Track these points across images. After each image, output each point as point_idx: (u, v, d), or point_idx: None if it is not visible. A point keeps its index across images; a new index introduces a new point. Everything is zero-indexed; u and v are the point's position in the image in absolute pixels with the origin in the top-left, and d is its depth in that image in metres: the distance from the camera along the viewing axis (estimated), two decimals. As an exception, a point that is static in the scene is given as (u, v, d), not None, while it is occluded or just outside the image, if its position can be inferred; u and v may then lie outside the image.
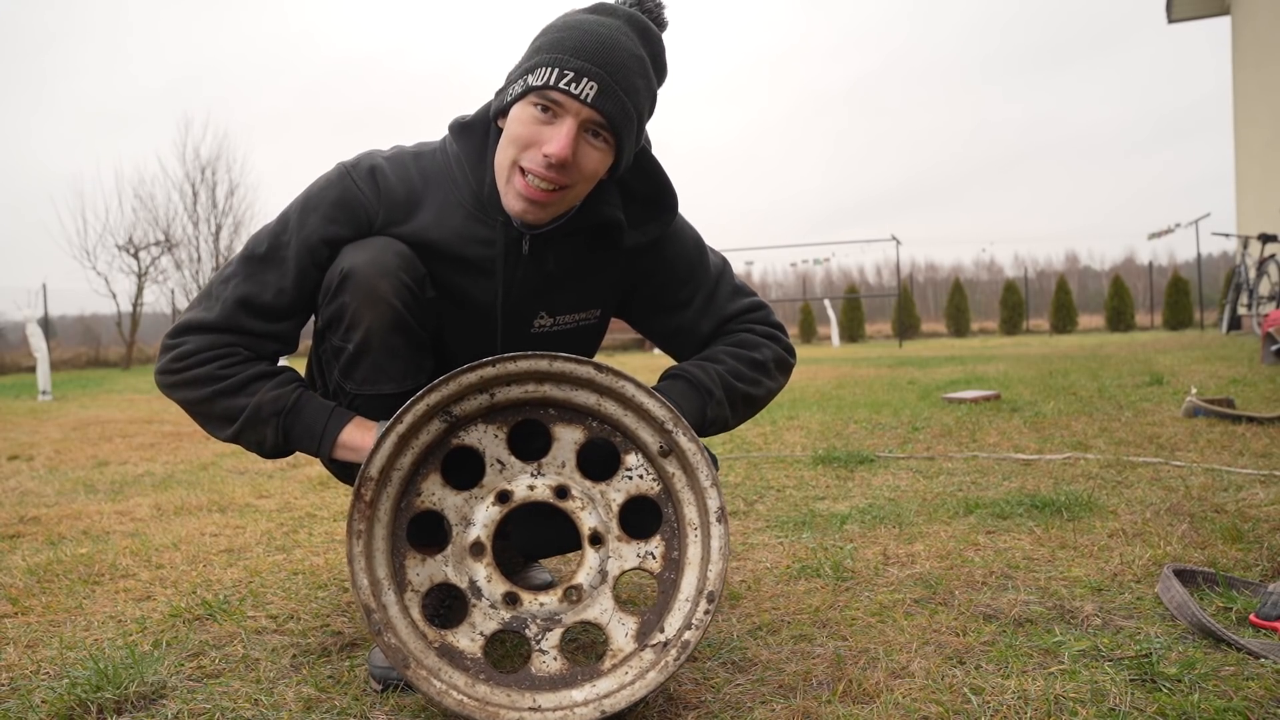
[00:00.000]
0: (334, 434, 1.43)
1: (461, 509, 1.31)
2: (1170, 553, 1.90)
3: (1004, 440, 3.66)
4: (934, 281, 50.17)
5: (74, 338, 24.71)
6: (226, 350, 1.44)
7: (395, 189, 1.44)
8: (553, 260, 1.49)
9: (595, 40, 1.32)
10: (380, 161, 1.46)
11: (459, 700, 1.20)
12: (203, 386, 1.44)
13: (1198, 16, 16.10)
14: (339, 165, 1.48)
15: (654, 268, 1.58)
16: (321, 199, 1.44)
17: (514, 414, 1.33)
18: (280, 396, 1.44)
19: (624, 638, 1.28)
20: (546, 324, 1.54)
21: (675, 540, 1.33)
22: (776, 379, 1.61)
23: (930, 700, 1.24)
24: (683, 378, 1.52)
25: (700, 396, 1.50)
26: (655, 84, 1.41)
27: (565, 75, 1.31)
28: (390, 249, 1.40)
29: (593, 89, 1.31)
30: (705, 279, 1.60)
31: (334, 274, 1.40)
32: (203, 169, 22.35)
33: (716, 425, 1.55)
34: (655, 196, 1.53)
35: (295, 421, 1.44)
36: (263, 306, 1.44)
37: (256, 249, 1.45)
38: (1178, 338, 14.71)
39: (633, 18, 1.37)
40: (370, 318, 1.37)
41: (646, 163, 1.50)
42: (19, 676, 1.45)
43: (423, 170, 1.47)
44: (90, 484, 3.54)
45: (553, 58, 1.32)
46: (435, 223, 1.44)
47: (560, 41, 1.33)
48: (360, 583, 1.24)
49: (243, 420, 1.43)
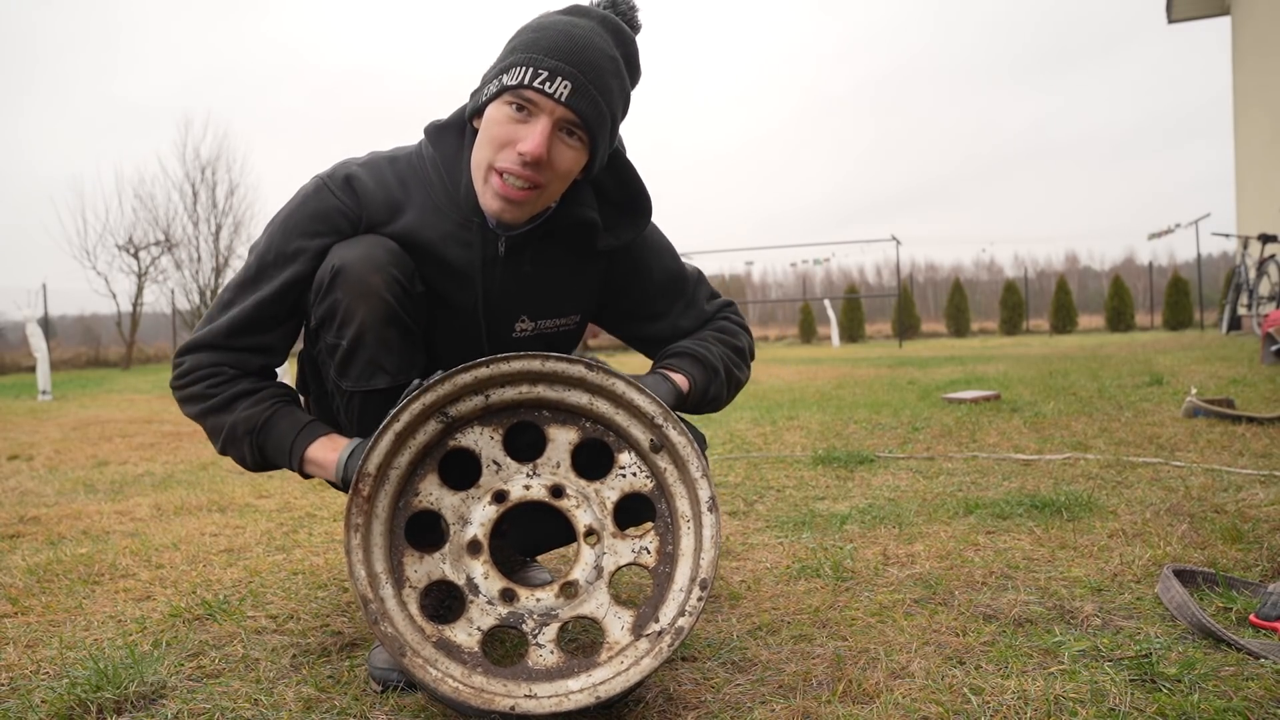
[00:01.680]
0: (301, 450, 1.45)
1: (459, 508, 1.32)
2: (1170, 553, 1.90)
3: (1004, 440, 3.66)
4: (934, 281, 50.16)
5: (74, 338, 24.72)
6: (214, 369, 1.49)
7: (374, 194, 1.46)
8: (529, 262, 1.51)
9: (569, 40, 1.34)
10: (355, 169, 1.48)
11: (454, 688, 1.21)
12: (196, 404, 1.50)
13: (1198, 17, 16.09)
14: (315, 178, 1.50)
15: (632, 279, 1.61)
16: (301, 213, 1.46)
17: (509, 416, 1.35)
18: (253, 416, 1.47)
19: (620, 631, 1.29)
20: (528, 328, 1.56)
21: (669, 534, 1.34)
22: (747, 366, 1.69)
23: (930, 700, 1.24)
24: (689, 354, 1.57)
25: (708, 373, 1.56)
26: (629, 85, 1.43)
27: (539, 74, 1.32)
28: (380, 245, 1.41)
29: (566, 88, 1.32)
30: (685, 286, 1.66)
31: (324, 272, 1.41)
32: (203, 169, 22.32)
33: (713, 404, 1.61)
34: (629, 200, 1.55)
35: (267, 439, 1.47)
36: (247, 323, 1.48)
37: (247, 273, 1.50)
38: (1178, 338, 14.71)
39: (606, 19, 1.39)
40: (363, 311, 1.38)
41: (620, 166, 1.52)
42: (19, 676, 1.45)
43: (399, 174, 1.48)
44: (90, 484, 3.54)
45: (527, 57, 1.33)
46: (417, 225, 1.45)
47: (534, 41, 1.34)
48: (358, 574, 1.25)
49: (224, 437, 1.49)
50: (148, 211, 23.09)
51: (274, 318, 1.48)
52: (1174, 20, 16.30)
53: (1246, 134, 14.01)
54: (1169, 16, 16.21)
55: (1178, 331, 20.34)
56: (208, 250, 22.20)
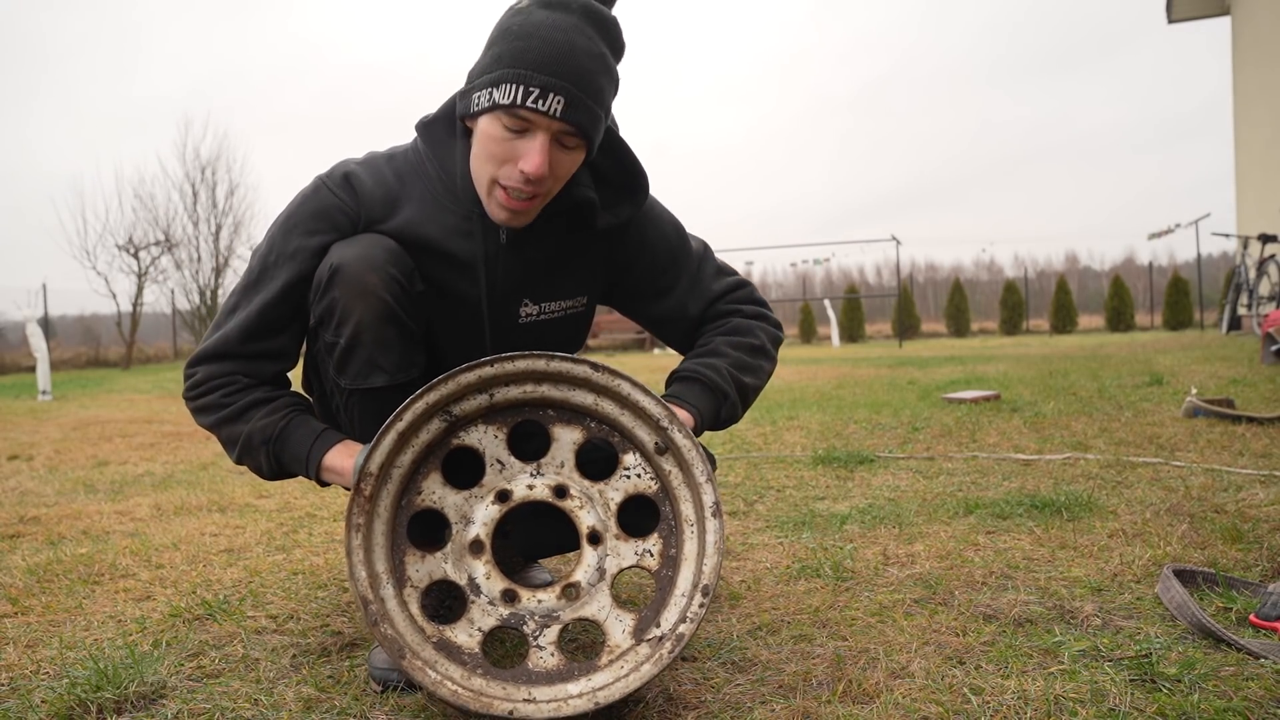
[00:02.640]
0: (318, 458, 1.45)
1: (461, 508, 1.32)
2: (1170, 553, 1.90)
3: (1004, 440, 3.66)
4: (934, 281, 50.16)
5: (74, 338, 24.70)
6: (228, 379, 1.50)
7: (372, 191, 1.47)
8: (532, 247, 1.51)
9: (556, 50, 1.31)
10: (354, 167, 1.49)
11: (454, 691, 1.21)
12: (210, 414, 1.51)
13: (1197, 17, 16.09)
14: (315, 178, 1.50)
15: (636, 254, 1.60)
16: (301, 214, 1.47)
17: (513, 415, 1.34)
18: (269, 425, 1.47)
19: (621, 634, 1.29)
20: (533, 312, 1.56)
21: (673, 538, 1.34)
22: (773, 358, 1.68)
23: (930, 700, 1.24)
24: (696, 380, 1.56)
25: (716, 400, 1.56)
26: (616, 71, 1.42)
27: (531, 93, 1.31)
28: (378, 244, 1.42)
29: (560, 103, 1.31)
30: (688, 262, 1.65)
31: (323, 271, 1.41)
32: (203, 169, 22.34)
33: (726, 424, 1.61)
34: (625, 178, 1.55)
35: (283, 448, 1.47)
36: (255, 329, 1.48)
37: (250, 276, 1.50)
38: (1178, 338, 14.71)
39: (587, 9, 1.36)
40: (360, 310, 1.38)
41: (614, 144, 1.51)
42: (19, 676, 1.45)
43: (397, 171, 1.49)
44: (90, 484, 3.54)
45: (516, 73, 1.32)
46: (418, 219, 1.46)
47: (522, 53, 1.32)
48: (358, 575, 1.25)
49: (240, 447, 1.49)
50: (148, 211, 23.15)
51: (280, 320, 1.48)
52: (1174, 20, 16.30)
53: (1246, 134, 14.00)
54: (1169, 17, 16.21)
55: (1178, 331, 20.34)
56: (208, 250, 22.23)
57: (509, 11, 1.38)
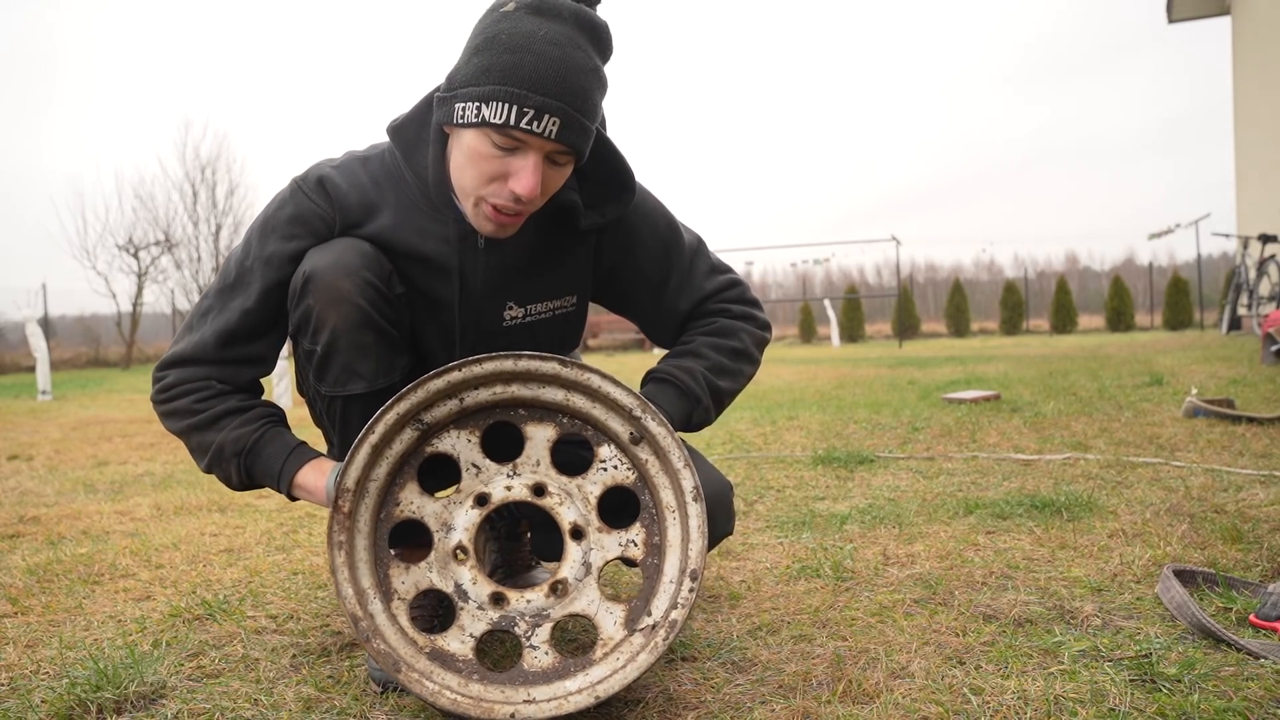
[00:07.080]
0: (290, 475, 1.44)
1: (441, 515, 1.32)
2: (1170, 553, 1.90)
3: (1004, 440, 3.66)
4: (934, 282, 50.15)
5: (74, 338, 24.71)
6: (201, 384, 1.47)
7: (347, 195, 1.44)
8: (511, 250, 1.48)
9: (551, 68, 1.26)
10: (329, 171, 1.47)
11: (453, 699, 1.20)
12: (181, 419, 1.48)
13: (1197, 17, 16.09)
14: (291, 181, 1.48)
15: (628, 250, 1.57)
16: (278, 218, 1.45)
17: (485, 417, 1.34)
18: (242, 437, 1.45)
19: (613, 626, 1.29)
20: (518, 315, 1.53)
21: (655, 525, 1.33)
22: (755, 361, 1.64)
23: (930, 700, 1.24)
24: (669, 382, 1.52)
25: (688, 403, 1.52)
26: (607, 78, 1.37)
27: (525, 114, 1.26)
28: (353, 248, 1.40)
29: (555, 125, 1.27)
30: (680, 259, 1.60)
31: (297, 279, 1.40)
32: (203, 169, 22.38)
33: (698, 426, 1.57)
34: (612, 177, 1.51)
35: (255, 462, 1.45)
36: (233, 334, 1.46)
37: (226, 280, 1.48)
38: (1178, 338, 14.71)
39: (579, 16, 1.31)
40: (335, 318, 1.37)
41: (601, 144, 1.47)
42: (19, 676, 1.45)
43: (372, 174, 1.47)
44: (90, 484, 3.54)
45: (508, 91, 1.26)
46: (393, 224, 1.44)
47: (513, 69, 1.25)
48: (345, 592, 1.25)
49: (210, 456, 1.47)
50: (148, 211, 23.18)
51: (259, 325, 1.46)
52: (1174, 20, 16.31)
53: (1247, 134, 14.00)
54: (1169, 17, 16.21)
55: (1178, 331, 20.34)
56: (208, 250, 22.25)
57: (494, 14, 1.32)
